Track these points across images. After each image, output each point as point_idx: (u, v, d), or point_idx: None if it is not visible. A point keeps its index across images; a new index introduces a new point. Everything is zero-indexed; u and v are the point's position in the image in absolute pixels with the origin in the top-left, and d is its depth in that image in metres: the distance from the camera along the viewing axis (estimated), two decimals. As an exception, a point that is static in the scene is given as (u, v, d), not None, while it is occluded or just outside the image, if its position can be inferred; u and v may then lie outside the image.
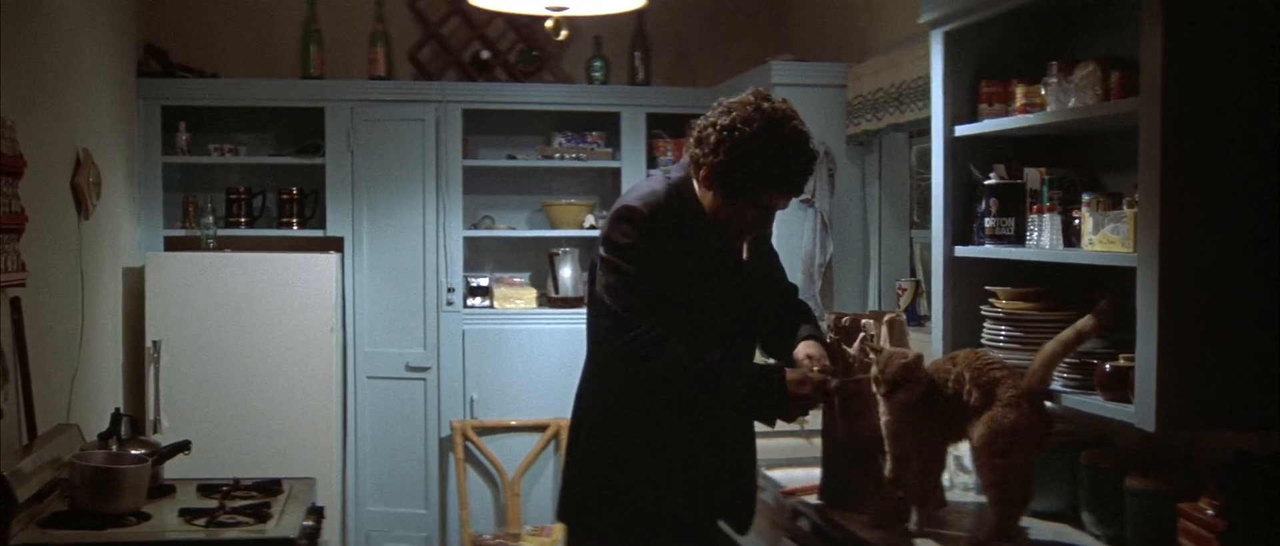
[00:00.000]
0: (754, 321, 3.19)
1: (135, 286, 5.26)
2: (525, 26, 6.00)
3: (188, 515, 3.41)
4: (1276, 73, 2.48)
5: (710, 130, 2.95)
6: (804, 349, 3.11)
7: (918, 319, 4.57)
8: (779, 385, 2.93)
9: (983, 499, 3.48)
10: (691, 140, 3.02)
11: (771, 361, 3.25)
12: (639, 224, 2.93)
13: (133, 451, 3.59)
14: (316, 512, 3.66)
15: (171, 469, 3.79)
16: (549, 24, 3.28)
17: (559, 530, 5.64)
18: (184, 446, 3.68)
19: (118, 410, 3.83)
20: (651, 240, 2.93)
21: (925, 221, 4.76)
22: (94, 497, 3.30)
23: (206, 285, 5.24)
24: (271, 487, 3.77)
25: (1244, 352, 2.49)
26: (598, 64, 6.05)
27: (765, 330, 3.24)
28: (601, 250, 2.98)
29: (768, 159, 2.91)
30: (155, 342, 5.13)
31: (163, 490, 3.65)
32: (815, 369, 3.01)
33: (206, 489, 3.73)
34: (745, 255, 3.14)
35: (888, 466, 3.06)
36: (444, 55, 6.03)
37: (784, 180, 2.96)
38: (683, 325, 2.93)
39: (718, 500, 3.14)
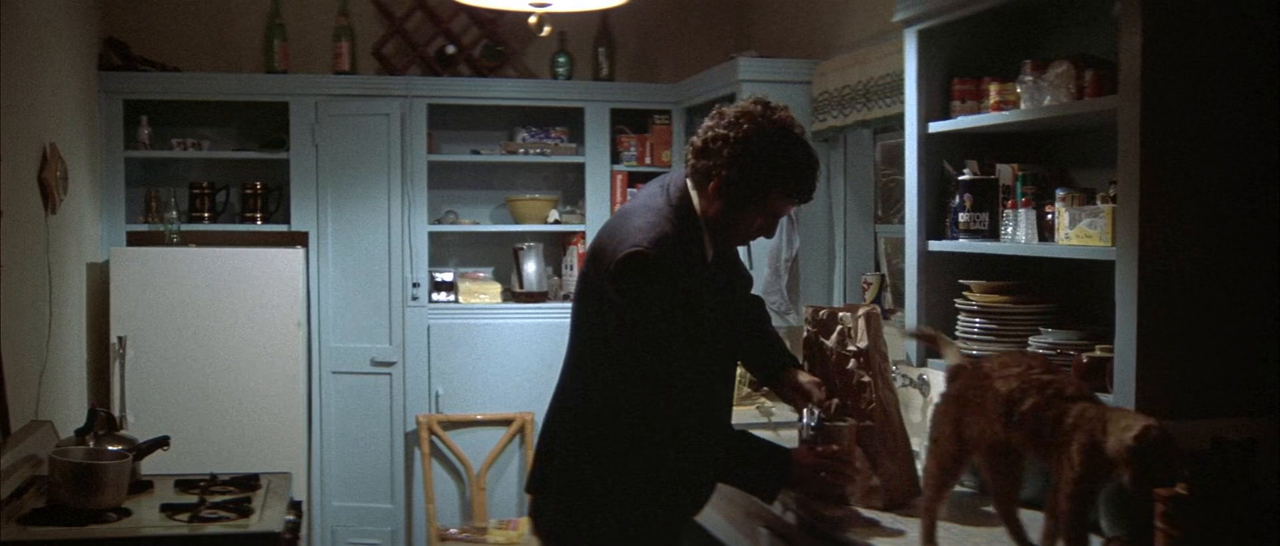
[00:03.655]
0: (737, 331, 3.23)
1: (99, 282, 5.22)
2: (489, 21, 6.01)
3: (169, 510, 3.40)
4: (1251, 70, 2.56)
5: (720, 142, 2.89)
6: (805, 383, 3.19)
7: (884, 312, 4.64)
8: (784, 472, 2.99)
9: (955, 488, 3.57)
10: (693, 150, 2.96)
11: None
12: (653, 272, 2.82)
13: (110, 447, 3.57)
14: (296, 507, 3.67)
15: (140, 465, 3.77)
16: (532, 20, 3.30)
17: (525, 524, 5.67)
18: (163, 441, 3.67)
19: (94, 406, 3.80)
20: (666, 285, 2.84)
21: (890, 216, 4.85)
22: (75, 494, 3.29)
23: (171, 280, 5.21)
24: (249, 482, 3.77)
25: (1220, 343, 2.57)
26: (562, 59, 6.07)
27: (743, 342, 3.27)
28: (619, 300, 2.87)
29: (783, 167, 2.89)
30: (120, 338, 5.10)
31: (141, 486, 3.64)
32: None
33: (184, 484, 3.72)
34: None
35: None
36: (408, 50, 6.02)
37: (799, 188, 2.94)
38: (692, 357, 2.92)
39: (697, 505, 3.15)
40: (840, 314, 3.45)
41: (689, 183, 2.99)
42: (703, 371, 2.96)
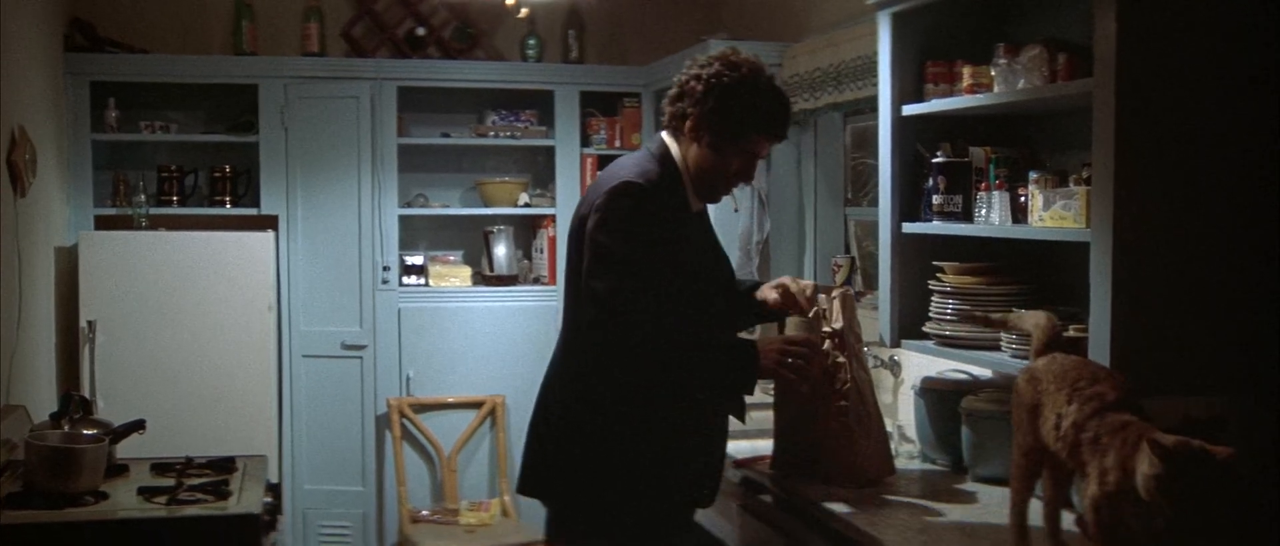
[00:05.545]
0: (727, 283, 3.24)
1: (67, 266, 5.18)
2: (459, 4, 6.00)
3: (146, 493, 3.39)
4: (1224, 53, 2.61)
5: (694, 82, 3.00)
6: (776, 290, 3.17)
7: (855, 294, 4.68)
8: (752, 359, 2.98)
9: (928, 466, 3.63)
10: (669, 99, 3.06)
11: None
12: (639, 199, 2.90)
13: (86, 431, 3.56)
14: (273, 489, 3.67)
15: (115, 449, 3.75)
16: (510, 1, 3.31)
17: (496, 505, 5.69)
18: (139, 425, 3.66)
19: (68, 391, 3.79)
20: (650, 215, 2.91)
21: (860, 199, 4.89)
22: (52, 477, 3.28)
23: (140, 264, 5.18)
24: (226, 465, 3.77)
25: (1192, 322, 2.62)
26: (532, 42, 6.07)
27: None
28: (598, 233, 2.91)
29: (756, 102, 2.99)
30: (90, 323, 5.06)
31: (116, 470, 3.63)
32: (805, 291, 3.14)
33: (160, 467, 3.71)
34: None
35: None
36: (378, 32, 6.00)
37: (772, 122, 3.03)
38: (679, 297, 2.95)
39: (700, 480, 3.14)
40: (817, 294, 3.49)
41: (665, 136, 3.09)
42: (690, 306, 2.98)
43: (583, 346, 3.00)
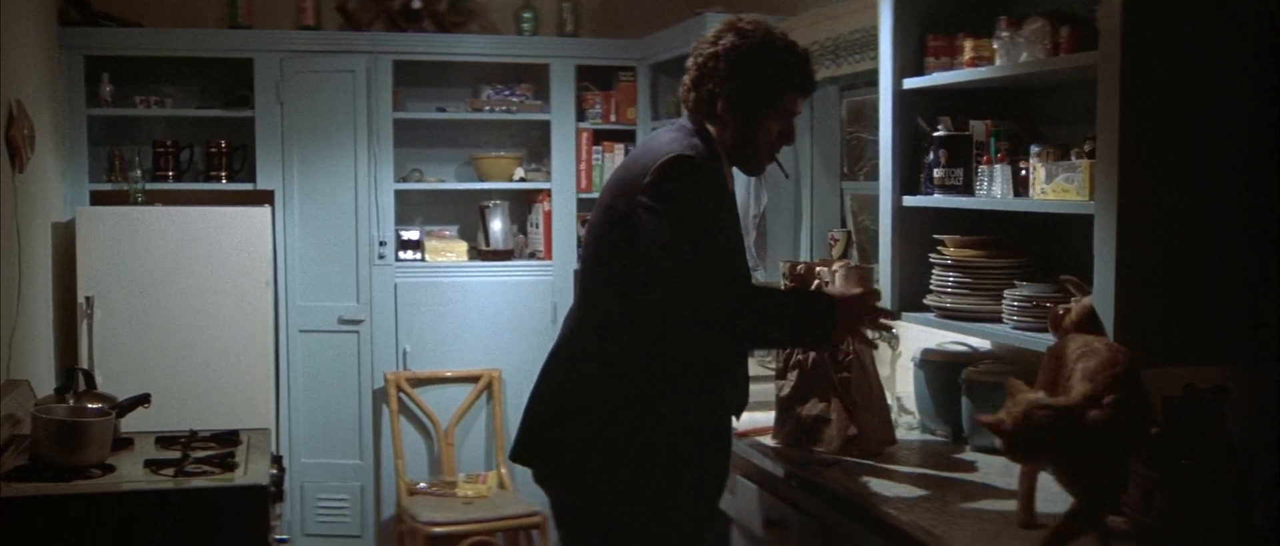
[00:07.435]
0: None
1: (64, 241, 5.17)
2: (454, -22, 5.99)
3: (153, 466, 3.40)
4: (1228, 22, 2.62)
5: (713, 60, 2.95)
6: None
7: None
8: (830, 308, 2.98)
9: (928, 437, 3.67)
10: (688, 87, 3.00)
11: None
12: (695, 171, 2.83)
13: (91, 405, 3.57)
14: (277, 461, 3.68)
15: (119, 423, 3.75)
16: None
17: (494, 477, 5.72)
18: (144, 399, 3.66)
19: (70, 366, 3.79)
20: (706, 186, 2.85)
21: (856, 173, 4.91)
22: (59, 451, 3.28)
23: (137, 240, 5.17)
24: (230, 438, 3.78)
25: (1195, 292, 2.65)
26: (527, 15, 6.07)
27: None
28: (662, 204, 2.80)
29: (780, 61, 2.96)
30: (88, 298, 5.06)
31: (122, 443, 3.63)
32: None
33: (165, 441, 3.72)
34: None
35: None
36: (373, 5, 5.98)
37: (801, 76, 3.01)
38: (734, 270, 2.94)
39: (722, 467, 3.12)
40: (818, 268, 3.51)
41: (699, 114, 3.02)
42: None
43: (614, 323, 2.91)
